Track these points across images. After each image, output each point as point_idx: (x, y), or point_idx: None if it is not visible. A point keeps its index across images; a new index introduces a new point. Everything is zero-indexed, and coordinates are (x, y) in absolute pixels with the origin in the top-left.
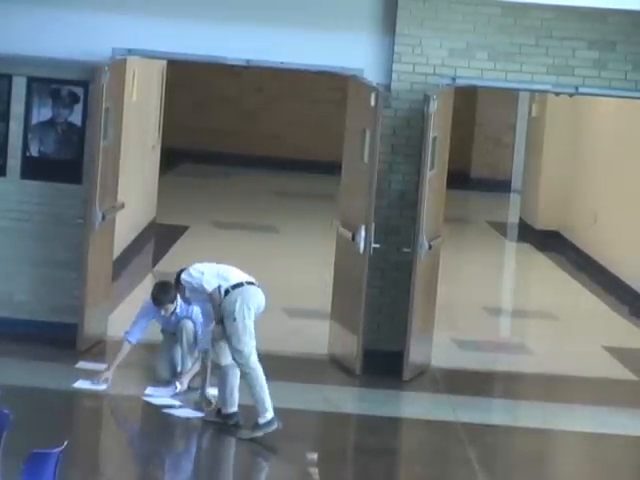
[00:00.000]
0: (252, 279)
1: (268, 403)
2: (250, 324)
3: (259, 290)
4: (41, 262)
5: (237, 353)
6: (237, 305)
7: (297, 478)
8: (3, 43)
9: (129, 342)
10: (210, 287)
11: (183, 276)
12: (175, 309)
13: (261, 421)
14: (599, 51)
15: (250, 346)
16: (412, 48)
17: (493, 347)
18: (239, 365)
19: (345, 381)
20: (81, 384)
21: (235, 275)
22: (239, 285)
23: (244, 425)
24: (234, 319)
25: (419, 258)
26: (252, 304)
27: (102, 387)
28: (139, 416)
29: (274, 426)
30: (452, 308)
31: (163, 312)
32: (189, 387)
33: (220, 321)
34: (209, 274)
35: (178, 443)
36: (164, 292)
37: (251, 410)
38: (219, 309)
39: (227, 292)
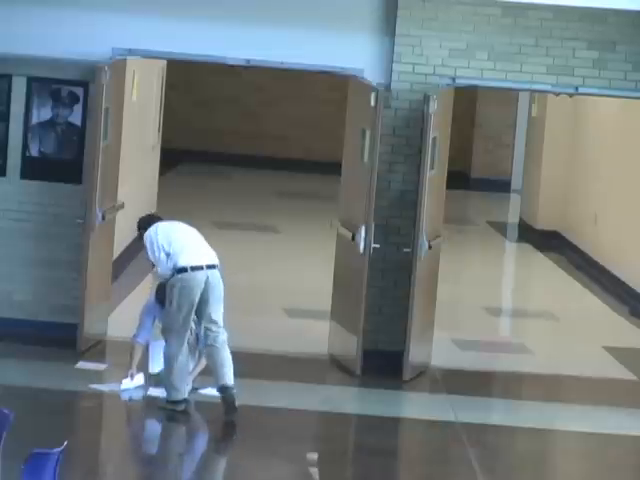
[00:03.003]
0: (201, 261)
1: (176, 385)
2: (187, 312)
3: (207, 273)
4: (41, 262)
5: (164, 330)
6: (175, 291)
7: (297, 478)
8: (3, 43)
9: (139, 343)
10: (162, 269)
11: (146, 235)
12: None
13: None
14: (599, 51)
15: (176, 331)
16: (412, 48)
17: (493, 347)
18: (165, 339)
19: (345, 381)
20: (101, 386)
21: (184, 257)
22: (183, 270)
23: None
24: (170, 303)
25: (419, 258)
26: (191, 291)
27: (118, 388)
28: (139, 416)
29: (181, 406)
30: (452, 308)
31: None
32: (193, 388)
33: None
34: (164, 253)
35: (178, 443)
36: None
37: (254, 410)
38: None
39: (172, 274)
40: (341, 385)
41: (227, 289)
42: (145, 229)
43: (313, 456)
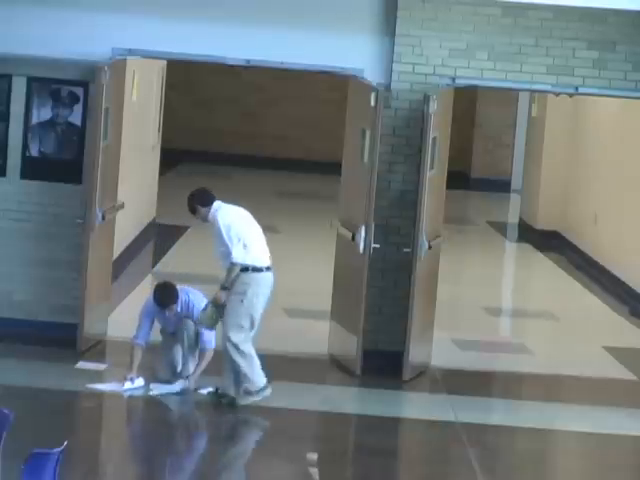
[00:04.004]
0: (269, 262)
1: (256, 377)
2: (255, 312)
3: (272, 275)
4: (41, 262)
5: (232, 329)
6: (249, 290)
7: (297, 478)
8: (3, 43)
9: (140, 345)
10: (238, 259)
11: (221, 216)
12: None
13: (251, 389)
14: (599, 51)
15: (245, 329)
16: (412, 48)
17: (493, 347)
18: (227, 340)
19: (345, 381)
20: (99, 386)
21: (256, 255)
22: (258, 270)
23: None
24: (241, 300)
25: (419, 258)
26: (263, 293)
27: (118, 388)
28: (139, 416)
29: (267, 391)
30: (452, 308)
31: (167, 313)
32: (195, 388)
33: (225, 288)
34: (240, 244)
35: (178, 443)
36: (166, 294)
37: (254, 410)
38: (232, 279)
39: (245, 269)
40: (341, 385)
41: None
42: (204, 206)
43: (313, 456)
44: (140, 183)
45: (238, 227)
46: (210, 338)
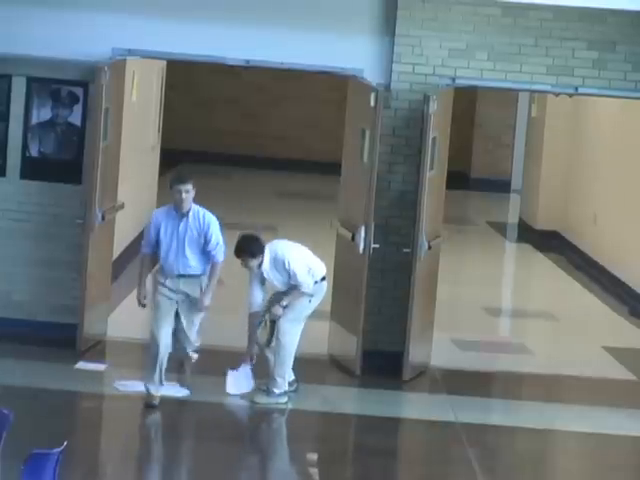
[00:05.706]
0: (325, 270)
1: (286, 375)
2: (311, 311)
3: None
4: (41, 262)
5: (292, 321)
6: (315, 293)
7: (297, 478)
8: (3, 43)
9: (147, 254)
10: (309, 289)
11: (286, 255)
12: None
13: (273, 389)
14: (599, 51)
15: (302, 325)
16: (412, 48)
17: (493, 347)
18: (280, 332)
19: (345, 381)
20: (129, 387)
21: (319, 270)
22: (324, 278)
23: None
24: (309, 301)
25: (419, 258)
26: (321, 296)
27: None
28: (139, 416)
29: (284, 398)
30: (452, 308)
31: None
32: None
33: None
34: (304, 272)
35: (178, 443)
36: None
37: (254, 410)
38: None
39: (315, 282)
40: (341, 385)
41: (228, 290)
42: (262, 253)
43: (313, 456)
44: (140, 183)
45: (302, 257)
46: (219, 253)
